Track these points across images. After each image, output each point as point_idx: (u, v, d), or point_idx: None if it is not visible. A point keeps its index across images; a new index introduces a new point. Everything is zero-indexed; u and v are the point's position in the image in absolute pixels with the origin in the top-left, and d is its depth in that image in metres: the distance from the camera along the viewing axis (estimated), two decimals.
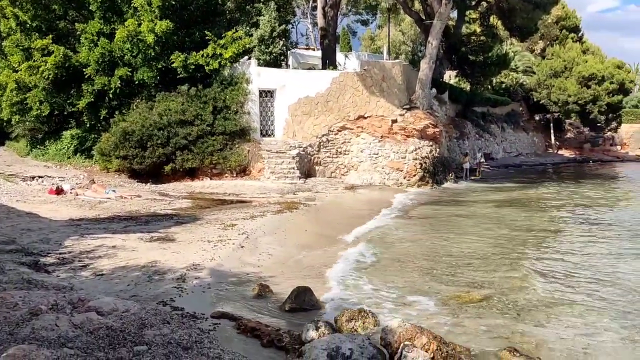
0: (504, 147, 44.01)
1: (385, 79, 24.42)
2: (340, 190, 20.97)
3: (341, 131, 24.04)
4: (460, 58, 36.39)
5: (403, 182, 23.53)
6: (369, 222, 15.21)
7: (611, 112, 48.53)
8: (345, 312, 6.93)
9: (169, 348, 5.32)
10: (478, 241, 12.89)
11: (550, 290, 8.91)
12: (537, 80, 49.13)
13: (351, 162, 24.18)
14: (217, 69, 21.97)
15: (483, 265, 10.50)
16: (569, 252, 11.92)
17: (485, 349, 6.27)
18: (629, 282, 9.38)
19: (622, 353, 6.28)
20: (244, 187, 19.86)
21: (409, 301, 8.16)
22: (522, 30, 35.15)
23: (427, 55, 25.61)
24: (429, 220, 16.39)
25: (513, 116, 48.07)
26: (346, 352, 5.33)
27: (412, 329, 5.80)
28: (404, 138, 24.04)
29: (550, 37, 53.47)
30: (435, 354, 5.51)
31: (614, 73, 47.93)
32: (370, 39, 54.61)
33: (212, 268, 9.04)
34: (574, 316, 7.58)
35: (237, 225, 12.78)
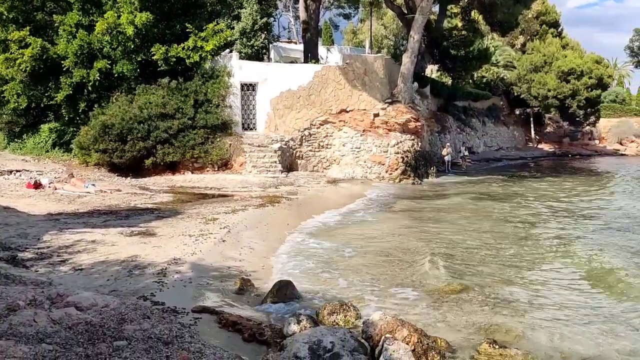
0: (485, 141, 44.42)
1: (368, 73, 24.45)
2: (322, 184, 20.99)
3: (323, 125, 24.04)
4: (442, 52, 36.59)
5: (385, 176, 23.64)
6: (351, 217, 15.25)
7: (590, 107, 49.18)
8: (326, 306, 6.96)
9: (149, 343, 5.28)
10: (457, 233, 13.01)
11: (531, 281, 9.04)
12: (517, 75, 49.61)
13: (333, 156, 24.21)
14: (198, 62, 21.80)
15: (464, 257, 10.60)
16: (550, 245, 12.08)
17: (465, 341, 6.34)
18: (610, 274, 9.53)
19: (601, 344, 6.38)
20: (226, 181, 19.77)
21: (390, 293, 8.21)
22: (502, 25, 35.47)
23: (409, 50, 25.68)
24: (409, 212, 16.49)
25: (494, 110, 48.52)
26: (327, 345, 5.35)
27: (393, 322, 5.85)
28: (385, 132, 24.12)
29: (531, 32, 53.99)
30: (416, 346, 5.55)
31: (593, 68, 48.55)
32: (352, 32, 54.57)
33: (193, 262, 8.99)
34: (554, 308, 7.69)
35: (218, 219, 12.72)
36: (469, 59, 37.72)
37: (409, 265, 9.96)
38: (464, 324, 6.97)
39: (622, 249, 11.56)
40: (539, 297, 8.17)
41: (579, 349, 6.22)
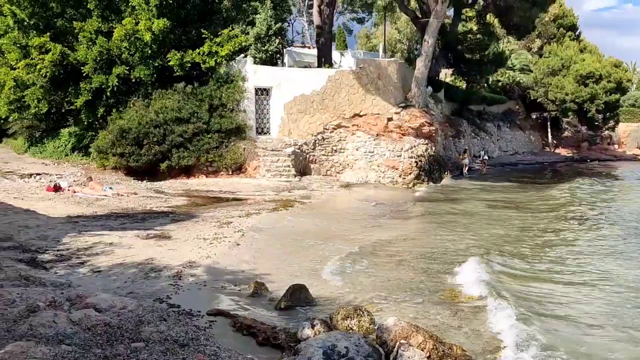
0: (500, 145, 44.11)
1: (381, 77, 24.46)
2: (336, 189, 21.03)
3: (337, 129, 24.08)
4: (456, 56, 36.50)
5: (399, 180, 23.60)
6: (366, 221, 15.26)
7: (609, 111, 48.64)
8: (340, 310, 6.95)
9: (166, 345, 5.36)
10: (473, 239, 12.95)
11: (545, 289, 8.98)
12: (534, 79, 49.20)
13: (347, 160, 24.22)
14: (213, 67, 21.98)
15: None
16: (564, 252, 11.98)
17: (482, 349, 6.32)
18: (624, 280, 9.44)
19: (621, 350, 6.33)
20: (240, 185, 19.89)
21: (404, 299, 8.21)
22: (519, 29, 35.30)
23: (423, 54, 25.66)
24: (425, 217, 16.46)
25: (509, 115, 48.17)
26: (342, 350, 5.37)
27: (408, 328, 5.85)
28: (399, 136, 24.09)
29: (548, 35, 53.55)
30: (432, 352, 5.55)
31: (612, 72, 48.00)
32: (366, 37, 54.59)
33: (207, 265, 9.08)
34: (572, 311, 7.64)
35: (232, 222, 12.81)
36: (484, 63, 37.56)
37: (424, 271, 9.94)
38: (480, 332, 6.94)
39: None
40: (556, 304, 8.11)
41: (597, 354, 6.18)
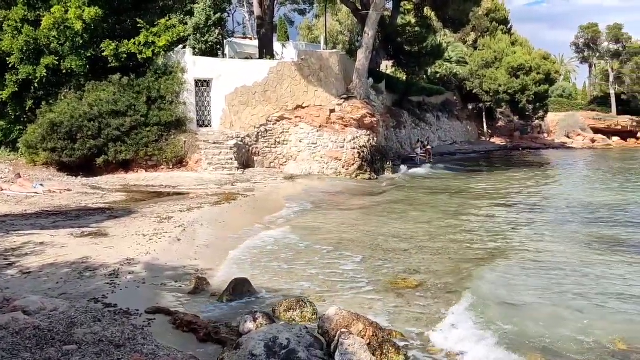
0: (440, 135, 45.27)
1: (323, 69, 24.49)
2: (280, 181, 20.95)
3: (279, 121, 23.97)
4: (396, 48, 37.02)
5: (342, 171, 23.77)
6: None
7: (538, 101, 50.80)
8: (283, 302, 6.96)
9: (101, 346, 5.19)
10: (414, 228, 13.22)
11: (484, 272, 9.28)
12: (469, 71, 50.72)
13: (290, 152, 24.18)
14: (151, 57, 21.34)
15: (419, 251, 10.78)
16: (502, 237, 12.43)
17: (420, 333, 6.46)
18: (563, 263, 9.87)
19: (554, 329, 6.61)
20: (181, 179, 19.47)
21: (347, 288, 8.28)
22: (454, 22, 36.18)
23: (363, 46, 25.87)
24: (366, 207, 16.65)
25: (448, 105, 49.47)
26: (284, 342, 5.36)
27: (349, 316, 5.91)
28: (342, 128, 24.25)
29: (482, 28, 55.26)
30: (372, 339, 5.63)
31: (541, 64, 50.13)
32: (307, 28, 54.52)
33: (147, 262, 8.83)
34: (509, 296, 7.90)
35: (173, 218, 12.53)
36: (423, 55, 38.32)
37: (365, 260, 10.07)
38: (419, 316, 7.10)
39: (573, 239, 12.01)
40: (493, 289, 8.38)
41: (533, 335, 6.43)
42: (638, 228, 13.23)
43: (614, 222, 14.05)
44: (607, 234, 12.57)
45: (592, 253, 10.66)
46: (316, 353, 5.35)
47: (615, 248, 11.04)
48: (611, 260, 10.09)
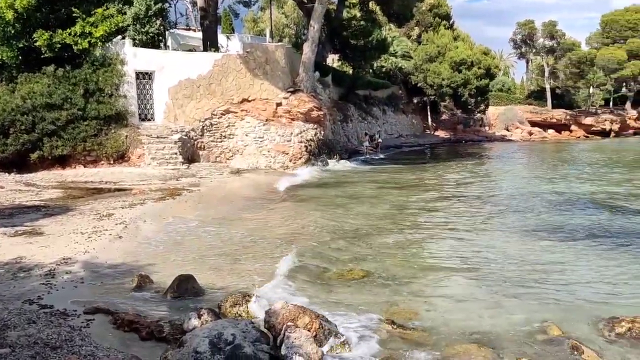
0: (386, 129, 45.84)
1: (269, 62, 24.30)
2: (226, 175, 20.66)
3: (225, 115, 23.62)
4: (342, 42, 37.18)
5: (289, 165, 23.71)
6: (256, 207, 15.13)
7: (480, 95, 52.29)
8: (229, 298, 6.84)
9: (36, 349, 4.96)
10: (362, 220, 13.31)
11: (429, 262, 9.44)
12: (414, 65, 51.58)
13: (236, 146, 23.89)
14: (87, 48, 20.52)
15: (366, 243, 10.86)
16: (447, 227, 12.68)
17: (367, 323, 6.49)
18: (502, 251, 10.16)
19: (491, 317, 6.78)
20: (123, 175, 18.88)
21: (294, 281, 8.23)
22: (399, 16, 36.72)
23: (309, 39, 25.82)
24: (314, 200, 16.65)
25: (393, 99, 50.17)
26: (229, 337, 5.26)
27: (295, 310, 5.86)
28: (288, 121, 24.16)
29: (425, 23, 56.31)
30: (318, 332, 5.61)
31: (481, 59, 51.62)
32: (252, 21, 53.94)
33: (85, 261, 8.50)
34: (449, 286, 8.07)
35: (114, 214, 12.12)
36: (368, 49, 38.63)
37: (312, 252, 10.04)
38: (365, 307, 7.13)
39: (513, 229, 12.39)
40: (436, 279, 8.54)
41: (470, 324, 6.57)
42: (575, 215, 13.76)
43: (552, 210, 14.60)
44: (545, 221, 13.04)
45: (529, 240, 11.04)
46: (262, 347, 5.27)
47: (552, 235, 11.46)
48: (547, 246, 10.47)
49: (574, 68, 61.84)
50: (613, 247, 10.29)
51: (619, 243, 10.62)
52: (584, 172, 24.95)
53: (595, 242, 10.69)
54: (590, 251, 9.95)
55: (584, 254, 9.77)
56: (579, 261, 9.37)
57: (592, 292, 7.71)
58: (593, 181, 21.19)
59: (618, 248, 10.22)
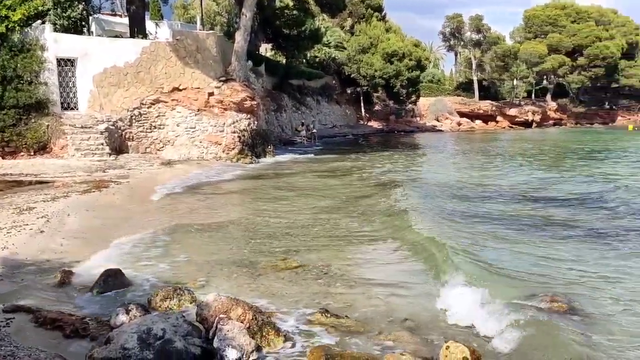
0: (320, 119, 46.05)
1: (200, 50, 23.72)
2: (156, 167, 20.09)
3: (155, 104, 22.91)
4: (274, 31, 36.90)
5: (222, 155, 23.34)
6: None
7: (411, 86, 53.51)
8: (159, 292, 6.66)
9: None
10: (296, 210, 13.31)
11: (361, 255, 9.57)
12: (347, 55, 52.02)
13: (167, 136, 23.25)
14: (4, 33, 19.23)
15: (300, 234, 10.86)
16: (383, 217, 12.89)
17: (301, 313, 6.50)
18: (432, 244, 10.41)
19: (422, 305, 6.95)
20: (45, 166, 17.95)
21: (226, 273, 8.12)
22: (331, 7, 36.83)
23: (241, 27, 25.41)
24: (248, 191, 16.51)
25: (327, 89, 50.43)
26: (159, 332, 5.12)
27: (228, 302, 5.78)
28: (221, 111, 23.74)
29: (358, 14, 56.81)
30: (251, 323, 5.55)
31: (413, 51, 52.78)
32: (182, 7, 52.48)
33: (4, 258, 8.02)
34: (382, 275, 8.20)
35: (35, 208, 11.50)
36: (302, 39, 38.58)
37: (246, 244, 9.95)
38: (299, 297, 7.14)
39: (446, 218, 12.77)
40: (369, 268, 8.67)
41: (403, 312, 6.72)
42: (499, 203, 14.36)
43: (479, 197, 15.19)
44: (473, 209, 13.53)
45: (458, 226, 11.41)
46: (194, 341, 5.16)
47: (477, 221, 11.92)
48: (471, 230, 10.87)
49: (499, 61, 64.44)
50: (533, 233, 10.82)
51: (540, 229, 11.17)
52: (512, 161, 26.13)
53: (515, 227, 11.19)
54: (518, 237, 10.38)
55: (505, 239, 10.19)
56: (503, 245, 9.75)
57: (515, 274, 8.07)
58: (516, 171, 22.25)
59: (537, 233, 10.75)
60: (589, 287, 7.40)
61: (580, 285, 7.49)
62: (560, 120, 68.58)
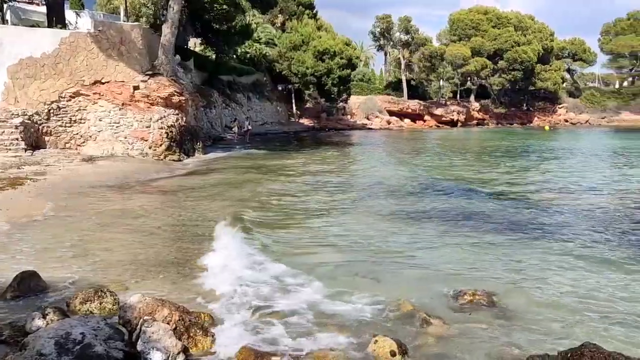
0: (250, 116, 45.56)
1: (124, 42, 22.80)
2: (77, 163, 19.11)
3: (75, 97, 21.81)
4: (204, 25, 36.13)
5: (149, 152, 22.57)
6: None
7: (342, 85, 54.03)
8: (79, 294, 6.31)
9: None
10: (225, 206, 13.08)
11: (292, 245, 9.52)
12: (278, 52, 51.82)
13: (89, 131, 22.19)
14: None
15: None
16: (309, 211, 12.90)
17: (234, 310, 6.38)
18: (359, 233, 10.53)
19: (349, 299, 6.98)
20: None
21: (154, 274, 7.82)
22: (262, 3, 36.61)
23: (169, 20, 24.68)
24: (174, 189, 16.04)
25: (258, 86, 50.00)
26: (77, 337, 4.84)
27: (153, 303, 5.55)
28: (147, 106, 22.94)
29: (289, 12, 56.75)
30: (178, 324, 5.36)
31: (344, 49, 53.28)
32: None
33: None
34: (310, 269, 8.17)
35: None
36: (232, 34, 38.03)
37: (172, 243, 9.65)
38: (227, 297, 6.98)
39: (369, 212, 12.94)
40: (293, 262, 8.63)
41: (331, 307, 6.73)
42: (429, 200, 14.72)
43: (407, 195, 15.53)
44: (401, 205, 13.82)
45: (384, 223, 11.61)
46: (116, 345, 4.92)
47: (406, 218, 12.18)
48: (403, 228, 11.10)
49: (427, 62, 66.40)
50: (461, 229, 11.18)
51: (467, 225, 11.56)
52: (436, 159, 26.95)
53: (445, 224, 11.53)
54: (445, 234, 10.68)
55: (436, 236, 10.47)
56: (433, 243, 10.00)
57: (441, 270, 8.29)
58: (444, 168, 22.98)
59: (463, 230, 11.12)
60: (509, 281, 7.72)
61: (500, 279, 7.80)
62: (483, 120, 71.59)
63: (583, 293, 7.20)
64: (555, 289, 7.40)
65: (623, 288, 7.46)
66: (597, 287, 7.47)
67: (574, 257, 8.94)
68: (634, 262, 8.67)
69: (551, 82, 72.29)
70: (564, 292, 7.23)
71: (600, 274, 8.10)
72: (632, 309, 6.63)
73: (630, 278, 7.91)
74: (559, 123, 73.43)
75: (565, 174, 20.61)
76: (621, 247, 9.60)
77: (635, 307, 6.71)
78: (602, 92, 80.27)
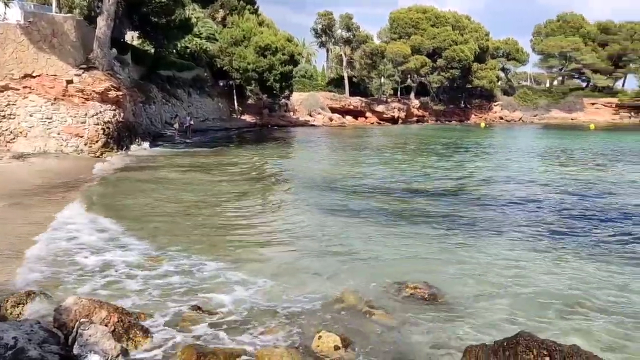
0: (191, 112, 44.65)
1: (56, 35, 21.86)
2: (6, 160, 18.23)
3: (3, 92, 20.77)
4: (142, 18, 35.03)
5: (84, 149, 21.77)
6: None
7: (284, 81, 53.76)
8: (10, 298, 6.05)
9: None
10: (163, 205, 12.83)
11: (239, 242, 9.46)
12: (219, 48, 50.98)
13: (19, 127, 21.16)
14: None
15: (169, 229, 10.48)
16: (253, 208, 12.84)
17: (172, 311, 6.27)
18: (306, 229, 10.58)
19: (295, 294, 7.02)
20: None
21: (92, 274, 7.58)
22: None
23: (104, 12, 23.83)
24: (112, 186, 15.57)
25: (199, 81, 49.03)
26: (9, 341, 4.65)
27: (90, 305, 5.39)
28: (82, 101, 22.10)
29: (230, 6, 55.94)
30: (116, 326, 5.24)
31: (286, 45, 53.03)
32: None
33: None
34: (254, 267, 8.15)
35: None
36: (171, 28, 37.08)
37: (113, 239, 9.37)
38: (170, 294, 6.88)
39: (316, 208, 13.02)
40: (239, 259, 8.58)
41: (276, 303, 6.74)
42: (378, 196, 14.95)
43: (350, 191, 15.71)
44: (347, 201, 13.97)
45: (331, 218, 11.73)
46: (51, 349, 4.76)
47: (352, 214, 12.34)
48: (348, 224, 11.24)
49: (368, 59, 67.18)
50: (401, 224, 11.44)
51: (407, 220, 11.84)
52: (379, 156, 27.40)
53: (393, 221, 11.76)
54: (388, 229, 10.89)
55: (381, 232, 10.66)
56: (378, 238, 10.18)
57: (386, 265, 8.47)
58: (385, 163, 23.39)
59: (410, 226, 11.37)
60: (451, 275, 7.98)
61: (442, 273, 8.05)
62: (423, 117, 73.20)
63: (522, 283, 7.55)
64: (495, 280, 7.71)
65: (557, 277, 7.86)
66: (532, 278, 7.84)
67: (511, 248, 9.36)
68: (568, 251, 9.17)
69: (487, 80, 74.78)
70: (502, 284, 7.55)
71: (534, 262, 8.53)
72: (566, 298, 6.97)
73: (565, 266, 8.36)
74: (494, 120, 76.10)
75: (499, 169, 21.47)
76: (554, 236, 10.14)
77: (569, 296, 7.07)
78: (534, 90, 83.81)
